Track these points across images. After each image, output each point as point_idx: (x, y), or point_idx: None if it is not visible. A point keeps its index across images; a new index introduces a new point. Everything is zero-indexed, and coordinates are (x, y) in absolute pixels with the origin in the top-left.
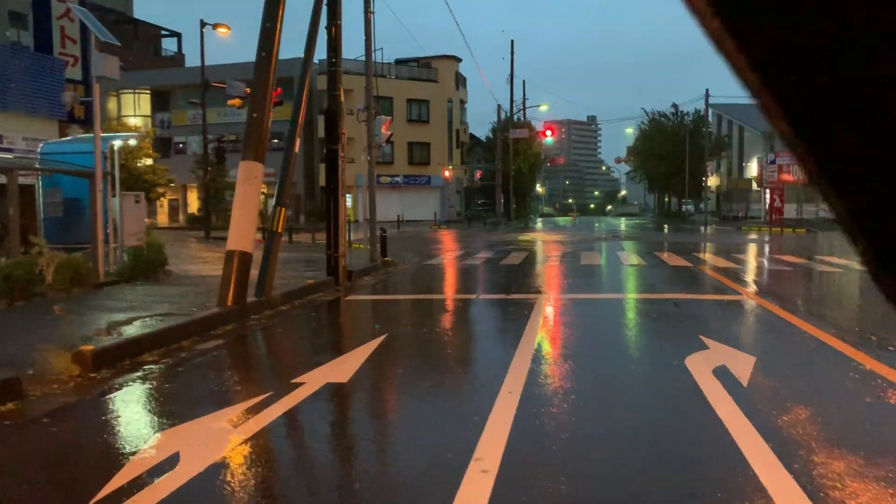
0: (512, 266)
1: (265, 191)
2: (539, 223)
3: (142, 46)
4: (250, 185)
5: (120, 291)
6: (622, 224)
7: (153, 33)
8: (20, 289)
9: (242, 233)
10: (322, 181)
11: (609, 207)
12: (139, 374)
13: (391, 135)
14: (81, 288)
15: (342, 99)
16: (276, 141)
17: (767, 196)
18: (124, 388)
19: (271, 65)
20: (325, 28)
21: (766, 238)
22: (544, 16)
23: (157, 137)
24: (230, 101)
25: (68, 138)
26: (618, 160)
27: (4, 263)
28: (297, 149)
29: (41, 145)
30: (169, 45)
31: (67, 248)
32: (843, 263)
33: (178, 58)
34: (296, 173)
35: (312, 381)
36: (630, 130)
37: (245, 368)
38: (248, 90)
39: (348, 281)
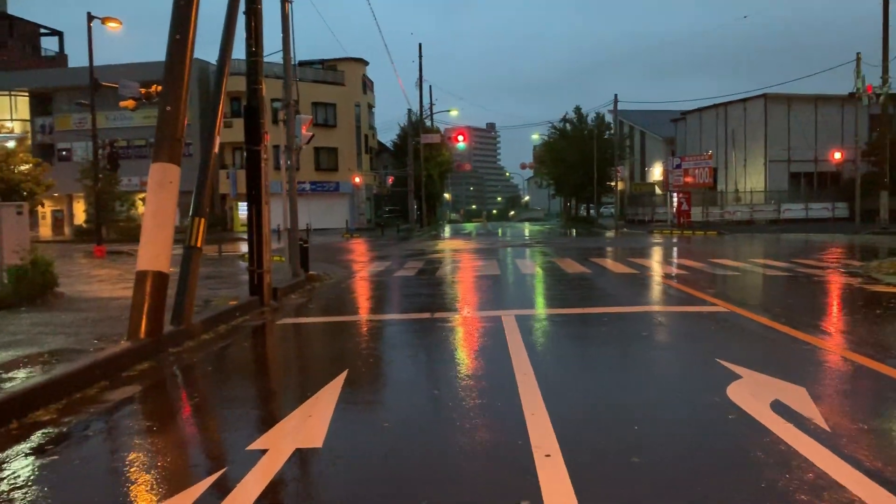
0: (450, 278)
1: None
2: (449, 230)
3: (18, 45)
4: (165, 192)
5: (2, 323)
6: (532, 229)
7: (31, 31)
8: None
9: (157, 249)
10: (222, 188)
11: (512, 213)
12: (30, 444)
13: (312, 136)
14: None
15: (264, 93)
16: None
17: (675, 199)
18: (9, 470)
19: (187, 49)
20: (244, 13)
21: (687, 241)
22: (458, 27)
23: (39, 143)
24: (123, 103)
25: None
26: (523, 166)
27: None
28: (216, 148)
29: None
30: (50, 44)
31: None
32: (783, 266)
33: (61, 58)
34: (192, 179)
35: (276, 447)
36: (536, 136)
37: (177, 427)
38: (146, 90)
39: (274, 300)
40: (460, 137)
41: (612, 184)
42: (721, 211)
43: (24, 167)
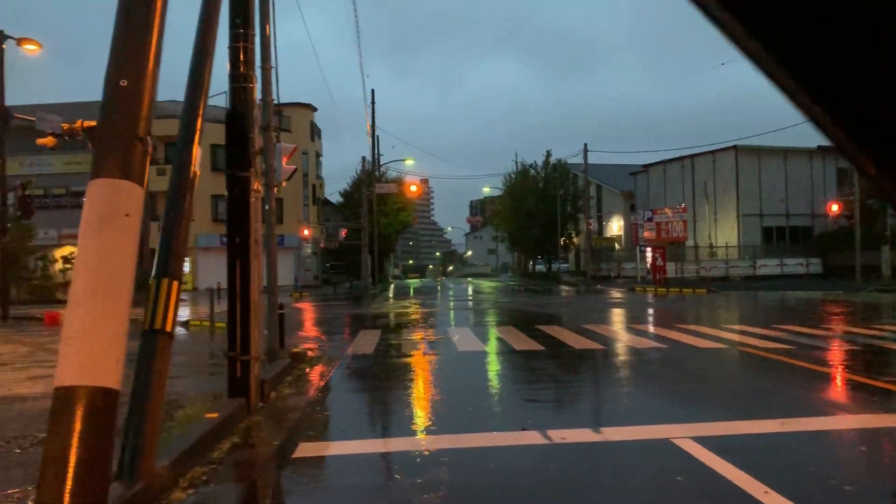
0: (465, 355)
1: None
2: (397, 288)
3: None
4: (114, 233)
5: None
6: (493, 286)
7: None
8: None
9: (99, 341)
10: (153, 242)
11: (451, 268)
12: None
13: (295, 170)
14: None
15: (255, 94)
16: None
17: (648, 254)
18: None
19: None
20: None
21: (684, 300)
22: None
23: None
24: (41, 140)
25: None
26: (470, 220)
27: None
28: (196, 166)
29: None
30: None
31: None
32: (876, 333)
33: None
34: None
35: None
36: (487, 189)
37: None
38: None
39: (261, 400)
40: (412, 188)
41: (574, 238)
42: (697, 266)
43: None
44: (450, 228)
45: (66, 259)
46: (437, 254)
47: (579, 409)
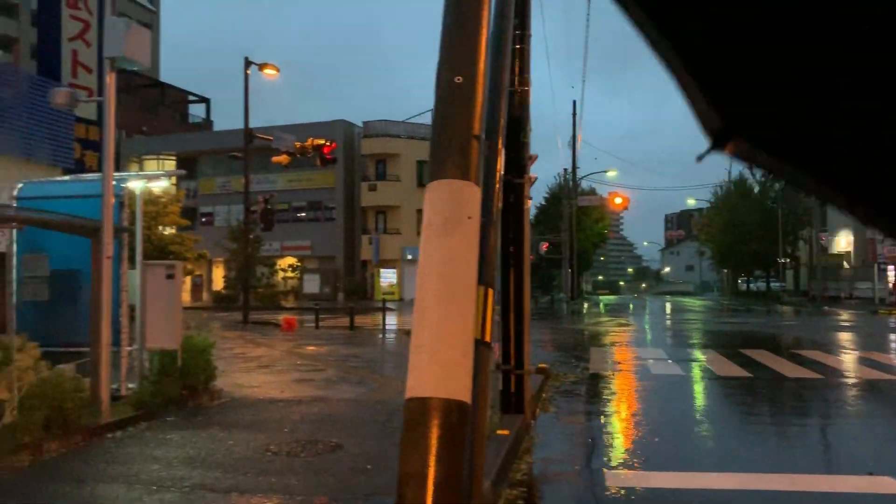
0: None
1: (294, 262)
2: (599, 303)
3: (168, 112)
4: (458, 236)
5: (139, 446)
6: (707, 306)
7: (180, 98)
8: None
9: (449, 349)
10: (364, 254)
11: (643, 285)
12: None
13: (535, 178)
14: (65, 440)
15: (529, 94)
16: (303, 213)
17: (890, 274)
18: None
19: None
20: None
21: None
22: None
23: (183, 207)
24: (276, 159)
25: (62, 178)
26: (673, 234)
27: None
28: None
29: (18, 187)
30: (197, 111)
31: (51, 352)
32: None
33: (206, 124)
34: (333, 245)
35: None
36: (692, 201)
37: None
38: (300, 144)
39: (532, 418)
40: (618, 200)
41: (798, 254)
42: None
43: (171, 229)
44: (646, 243)
45: (292, 268)
46: (630, 269)
47: None
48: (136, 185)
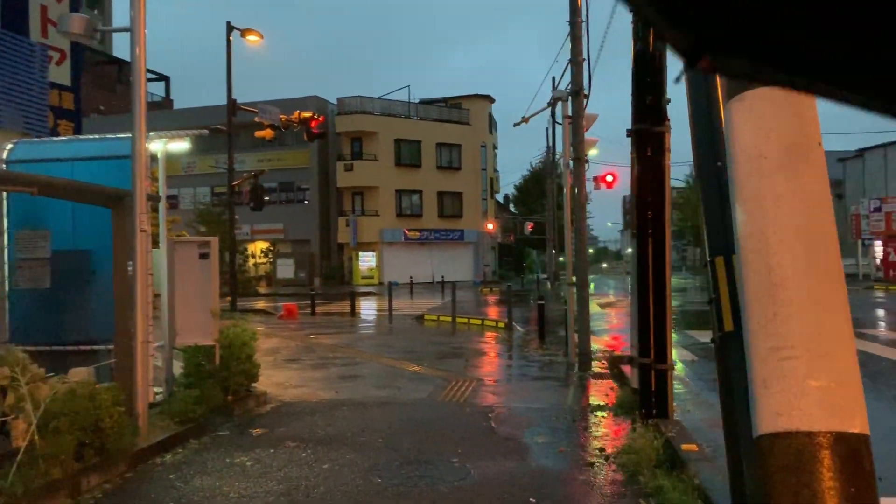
0: None
1: (267, 246)
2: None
3: (126, 90)
4: (810, 177)
5: (207, 477)
6: (695, 287)
7: None
8: None
9: (837, 360)
10: (341, 237)
11: (604, 265)
12: None
13: (597, 141)
14: (106, 470)
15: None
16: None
17: (879, 249)
18: None
19: None
20: None
21: None
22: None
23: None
24: (260, 133)
25: (65, 138)
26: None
27: None
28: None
29: (7, 147)
30: (156, 89)
31: (55, 353)
32: None
33: (166, 103)
34: (307, 228)
35: None
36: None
37: None
38: (286, 117)
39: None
40: (609, 178)
41: None
42: None
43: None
44: (609, 224)
45: (264, 253)
46: (591, 250)
47: None
48: (155, 147)
